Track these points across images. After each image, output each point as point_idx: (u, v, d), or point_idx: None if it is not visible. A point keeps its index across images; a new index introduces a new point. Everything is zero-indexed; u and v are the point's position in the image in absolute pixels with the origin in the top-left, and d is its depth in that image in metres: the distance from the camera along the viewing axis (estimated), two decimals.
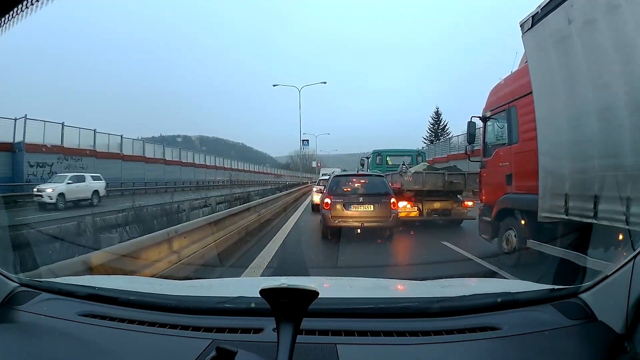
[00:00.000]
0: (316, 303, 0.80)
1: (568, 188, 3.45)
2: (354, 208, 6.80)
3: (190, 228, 4.55)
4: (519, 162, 4.74)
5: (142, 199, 11.76)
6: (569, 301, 1.13)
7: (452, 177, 8.24)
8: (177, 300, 1.25)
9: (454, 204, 8.53)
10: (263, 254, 5.56)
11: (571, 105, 3.40)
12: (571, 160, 3.44)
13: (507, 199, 4.93)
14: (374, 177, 7.85)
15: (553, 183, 3.66)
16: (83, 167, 23.19)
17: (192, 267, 4.17)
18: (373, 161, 12.39)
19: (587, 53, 3.16)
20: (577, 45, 3.25)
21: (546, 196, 3.74)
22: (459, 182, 8.24)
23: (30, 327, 1.13)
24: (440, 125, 43.21)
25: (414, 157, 12.19)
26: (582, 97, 3.24)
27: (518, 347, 1.01)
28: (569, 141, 3.43)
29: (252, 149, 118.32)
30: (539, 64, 3.87)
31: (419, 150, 13.96)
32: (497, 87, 5.59)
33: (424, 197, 8.38)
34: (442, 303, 1.18)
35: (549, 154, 3.77)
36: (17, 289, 1.27)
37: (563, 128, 3.51)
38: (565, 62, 3.43)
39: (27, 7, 0.87)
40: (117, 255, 3.00)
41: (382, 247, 6.42)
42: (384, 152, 12.68)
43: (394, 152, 13.17)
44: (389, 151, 12.97)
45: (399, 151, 13.32)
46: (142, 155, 30.20)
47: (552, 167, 3.72)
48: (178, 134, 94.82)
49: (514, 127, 4.89)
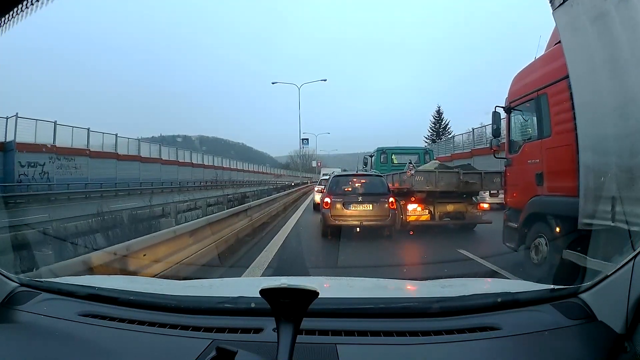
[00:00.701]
0: (316, 303, 0.80)
1: (616, 190, 2.96)
2: (353, 207, 6.94)
3: (151, 243, 3.70)
4: (551, 158, 4.15)
5: (131, 200, 11.46)
6: (569, 301, 1.14)
7: (467, 176, 7.36)
8: (177, 300, 1.25)
9: (469, 206, 7.73)
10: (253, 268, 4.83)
11: (616, 91, 2.95)
12: (619, 156, 2.96)
13: (538, 201, 4.29)
14: (372, 177, 8.04)
15: (597, 184, 3.15)
16: (76, 167, 22.82)
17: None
18: (377, 160, 11.49)
19: (628, 31, 2.78)
20: (616, 22, 2.85)
21: (589, 199, 3.22)
22: (475, 182, 7.38)
23: (30, 327, 1.13)
24: (441, 124, 42.81)
25: (421, 155, 11.27)
26: (629, 82, 2.83)
27: (518, 347, 1.01)
28: (616, 134, 2.97)
29: (252, 148, 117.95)
30: (576, 45, 3.37)
31: (426, 148, 12.88)
32: (522, 74, 4.84)
33: (436, 198, 7.55)
34: (442, 303, 1.19)
35: (591, 149, 3.25)
36: (17, 289, 1.27)
37: (608, 118, 3.03)
38: (606, 42, 2.99)
39: (27, 7, 0.88)
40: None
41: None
42: (389, 149, 11.60)
43: (400, 150, 12.07)
44: (395, 149, 11.88)
45: (405, 149, 12.23)
46: (138, 154, 29.56)
47: (595, 164, 3.20)
48: (178, 133, 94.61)
49: (544, 118, 4.25)
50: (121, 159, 27.10)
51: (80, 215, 7.25)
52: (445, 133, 41.04)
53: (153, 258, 3.63)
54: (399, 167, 9.85)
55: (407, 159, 10.68)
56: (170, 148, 36.53)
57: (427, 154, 11.56)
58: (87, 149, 24.11)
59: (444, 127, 42.57)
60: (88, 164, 23.70)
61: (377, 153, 11.64)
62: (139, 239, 3.65)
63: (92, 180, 23.25)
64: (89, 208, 7.83)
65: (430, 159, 10.88)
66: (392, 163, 11.18)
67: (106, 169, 25.02)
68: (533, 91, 4.47)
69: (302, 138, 37.37)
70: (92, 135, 24.99)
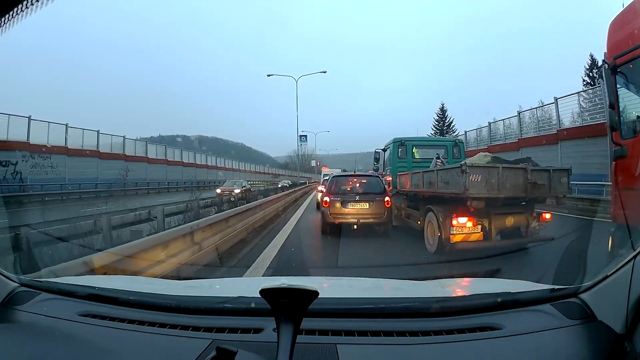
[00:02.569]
0: (316, 303, 0.80)
1: None
2: (351, 206, 7.27)
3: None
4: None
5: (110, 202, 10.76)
6: (569, 301, 1.14)
7: (535, 174, 5.10)
8: (177, 300, 1.25)
9: (530, 217, 5.46)
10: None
11: None
12: None
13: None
14: (370, 178, 8.41)
15: None
16: (52, 166, 20.80)
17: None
18: (393, 154, 8.74)
19: None
20: None
21: None
22: (543, 184, 5.14)
23: (30, 327, 1.13)
24: (445, 122, 41.61)
25: (449, 149, 8.68)
26: None
27: (518, 347, 1.01)
28: None
29: (251, 148, 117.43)
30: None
31: (456, 140, 9.75)
32: (629, 14, 3.31)
33: (493, 208, 5.17)
34: (442, 303, 1.19)
35: None
36: (17, 289, 1.27)
37: None
38: None
39: (27, 7, 0.88)
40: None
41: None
42: (410, 141, 8.85)
43: (423, 141, 9.66)
44: (417, 140, 9.24)
45: (430, 140, 10.13)
46: (123, 153, 27.64)
47: None
48: (177, 134, 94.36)
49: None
50: (104, 158, 25.12)
51: (51, 220, 6.50)
52: (450, 131, 40.10)
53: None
54: (423, 164, 7.89)
55: (431, 153, 8.46)
56: (159, 146, 34.42)
57: (457, 146, 8.82)
58: (65, 147, 21.98)
59: (448, 124, 41.44)
60: (66, 163, 21.67)
61: (393, 146, 8.83)
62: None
63: (70, 181, 21.26)
64: (62, 212, 7.08)
65: (460, 154, 8.59)
66: (412, 158, 8.61)
67: (87, 168, 23.10)
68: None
69: (300, 135, 34.78)
70: (72, 132, 22.76)
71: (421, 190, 6.38)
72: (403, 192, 7.62)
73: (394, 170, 8.45)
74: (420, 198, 6.56)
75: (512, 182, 5.04)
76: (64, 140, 22.23)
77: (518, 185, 5.04)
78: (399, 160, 8.59)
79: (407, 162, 8.48)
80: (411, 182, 6.93)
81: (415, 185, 6.69)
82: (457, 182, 5.03)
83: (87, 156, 23.85)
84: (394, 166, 8.58)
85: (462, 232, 5.23)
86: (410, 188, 7.02)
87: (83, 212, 9.27)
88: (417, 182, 6.60)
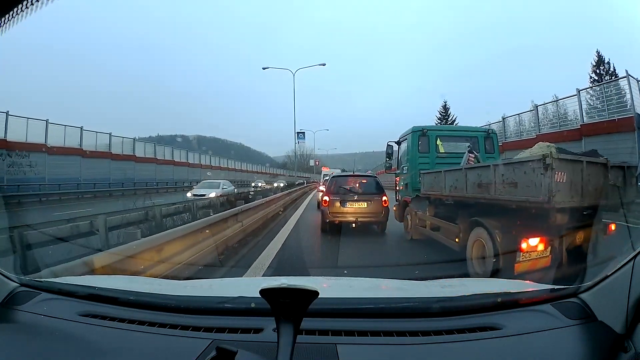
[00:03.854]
0: (316, 303, 0.80)
1: None
2: (349, 205, 7.50)
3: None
4: None
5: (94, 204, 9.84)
6: (569, 301, 1.14)
7: (614, 172, 4.03)
8: (177, 300, 1.25)
9: (599, 231, 3.99)
10: None
11: None
12: None
13: None
14: (368, 178, 8.57)
15: None
16: (31, 165, 19.41)
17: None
18: (412, 147, 7.02)
19: None
20: None
21: None
22: (620, 186, 4.10)
23: (30, 327, 1.13)
24: (448, 120, 40.17)
25: (480, 141, 6.97)
26: None
27: (518, 347, 1.01)
28: None
29: (250, 148, 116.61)
30: None
31: (488, 130, 7.68)
32: None
33: (569, 221, 3.61)
34: (442, 303, 1.19)
35: None
36: (17, 289, 1.27)
37: None
38: None
39: (27, 7, 0.88)
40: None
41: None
42: (433, 130, 7.15)
43: (450, 131, 8.10)
44: (441, 130, 7.95)
45: (457, 130, 8.10)
46: (109, 151, 26.09)
47: None
48: (176, 133, 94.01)
49: None
50: (87, 157, 23.62)
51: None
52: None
53: None
54: (450, 160, 6.38)
55: (459, 147, 6.82)
56: (147, 144, 32.35)
57: (489, 138, 7.13)
58: (44, 144, 20.48)
59: (451, 122, 39.78)
60: (46, 161, 20.21)
61: (412, 137, 7.07)
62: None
63: (50, 181, 19.72)
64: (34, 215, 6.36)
65: (493, 148, 7.07)
66: (437, 151, 6.94)
67: (69, 167, 21.70)
68: None
69: (298, 132, 32.29)
70: (53, 129, 21.23)
71: (462, 195, 4.68)
72: (429, 196, 5.87)
73: (413, 167, 6.89)
74: (460, 206, 4.84)
75: (594, 183, 3.71)
76: (44, 137, 20.76)
77: (599, 187, 3.72)
78: (419, 155, 6.93)
79: (430, 158, 6.87)
80: (444, 182, 5.17)
81: (452, 187, 4.94)
82: (535, 183, 3.43)
83: (70, 154, 22.30)
84: (413, 162, 6.95)
85: (529, 259, 3.61)
86: (443, 191, 5.24)
87: (55, 216, 8.54)
88: (455, 182, 4.89)
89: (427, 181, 5.99)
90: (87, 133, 24.33)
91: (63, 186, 19.99)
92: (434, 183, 5.67)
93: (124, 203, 13.05)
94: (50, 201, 16.92)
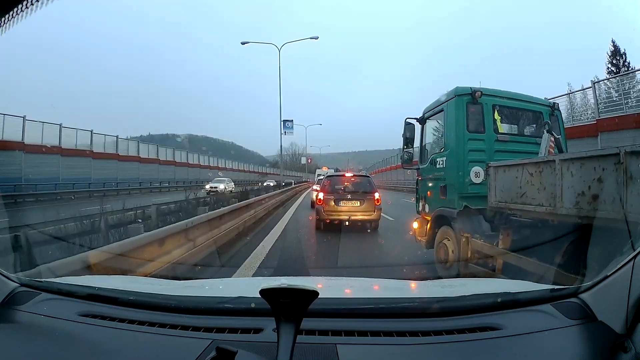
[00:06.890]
0: (316, 303, 0.80)
1: None
2: (343, 204, 7.84)
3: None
4: None
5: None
6: (569, 301, 1.14)
7: None
8: (177, 300, 1.25)
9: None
10: None
11: None
12: None
13: None
14: (361, 177, 8.95)
15: None
16: (7, 164, 18.47)
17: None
18: (458, 121, 4.20)
19: None
20: None
21: None
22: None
23: (30, 327, 1.13)
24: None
25: (545, 116, 4.61)
26: None
27: (518, 347, 1.01)
28: None
29: (242, 147, 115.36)
30: None
31: (553, 104, 4.83)
32: None
33: None
34: (442, 303, 1.19)
35: None
36: (17, 289, 1.27)
37: None
38: None
39: (27, 7, 0.88)
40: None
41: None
42: (489, 96, 4.26)
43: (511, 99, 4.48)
44: (499, 95, 4.39)
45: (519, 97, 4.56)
46: (90, 149, 25.17)
47: None
48: (167, 132, 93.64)
49: None
50: (66, 155, 22.43)
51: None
52: None
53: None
54: (514, 147, 4.27)
55: (522, 120, 4.72)
56: (131, 142, 31.25)
57: (555, 115, 4.72)
58: (21, 142, 19.45)
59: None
60: (23, 160, 19.22)
61: (455, 105, 4.27)
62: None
63: (26, 181, 18.69)
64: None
65: (559, 128, 4.66)
66: (494, 128, 4.28)
67: (47, 166, 20.66)
68: None
69: (284, 120, 26.16)
70: (31, 126, 20.08)
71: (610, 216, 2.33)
72: (505, 210, 3.50)
73: (459, 158, 4.20)
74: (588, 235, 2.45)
75: None
76: (22, 134, 19.69)
77: None
78: (470, 138, 4.18)
79: (487, 142, 4.21)
80: (559, 185, 2.72)
81: (580, 197, 2.57)
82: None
83: (48, 153, 21.04)
84: (459, 150, 4.21)
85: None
86: (550, 203, 2.83)
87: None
88: (583, 187, 2.55)
89: (505, 182, 3.44)
90: (61, 128, 22.89)
91: (41, 186, 18.91)
92: (524, 186, 3.15)
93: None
94: (27, 202, 15.58)
